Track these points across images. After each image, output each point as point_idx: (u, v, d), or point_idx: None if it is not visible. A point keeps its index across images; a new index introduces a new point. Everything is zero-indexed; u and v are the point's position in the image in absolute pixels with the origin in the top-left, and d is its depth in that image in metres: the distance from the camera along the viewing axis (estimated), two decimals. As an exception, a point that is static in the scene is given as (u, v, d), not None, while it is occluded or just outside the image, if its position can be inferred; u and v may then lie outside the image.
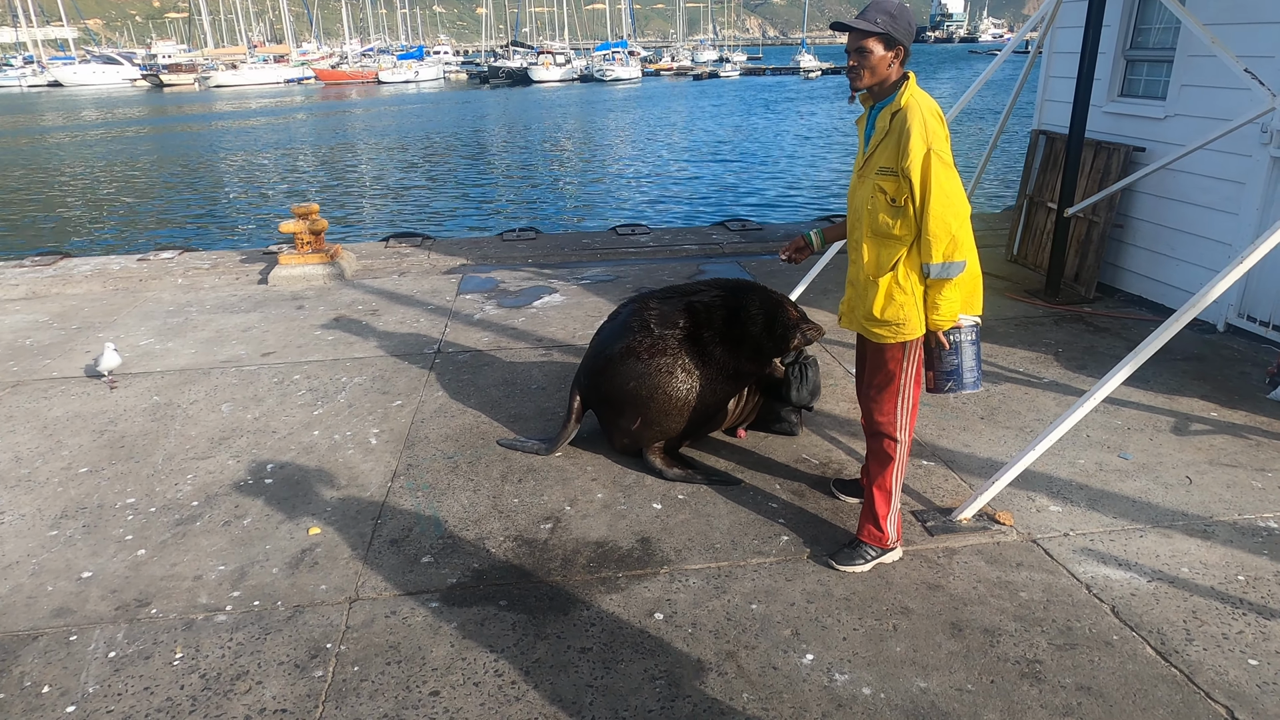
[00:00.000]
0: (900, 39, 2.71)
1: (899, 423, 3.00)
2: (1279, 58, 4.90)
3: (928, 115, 2.68)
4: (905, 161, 2.67)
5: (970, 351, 2.93)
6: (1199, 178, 5.56)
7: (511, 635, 2.78)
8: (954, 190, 2.69)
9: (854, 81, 2.81)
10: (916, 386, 3.01)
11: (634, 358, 3.75)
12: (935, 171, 2.65)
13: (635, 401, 3.76)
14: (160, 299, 6.77)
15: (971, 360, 2.94)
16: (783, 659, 2.64)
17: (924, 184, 2.67)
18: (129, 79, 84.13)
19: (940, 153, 2.66)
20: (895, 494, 3.08)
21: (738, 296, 3.83)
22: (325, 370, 5.15)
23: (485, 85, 70.53)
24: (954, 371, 2.94)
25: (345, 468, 3.94)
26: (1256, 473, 3.73)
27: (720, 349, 3.76)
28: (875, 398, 3.01)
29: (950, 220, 2.68)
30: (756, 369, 3.89)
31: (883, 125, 2.77)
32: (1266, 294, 5.18)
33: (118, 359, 4.98)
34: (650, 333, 3.76)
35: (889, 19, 2.69)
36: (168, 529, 3.45)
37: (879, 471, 3.07)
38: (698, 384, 3.75)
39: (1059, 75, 6.92)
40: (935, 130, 2.68)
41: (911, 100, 2.71)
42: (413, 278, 7.31)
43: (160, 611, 2.94)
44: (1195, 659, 2.60)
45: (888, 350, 2.92)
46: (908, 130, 2.66)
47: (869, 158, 2.83)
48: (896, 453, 3.03)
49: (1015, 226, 7.33)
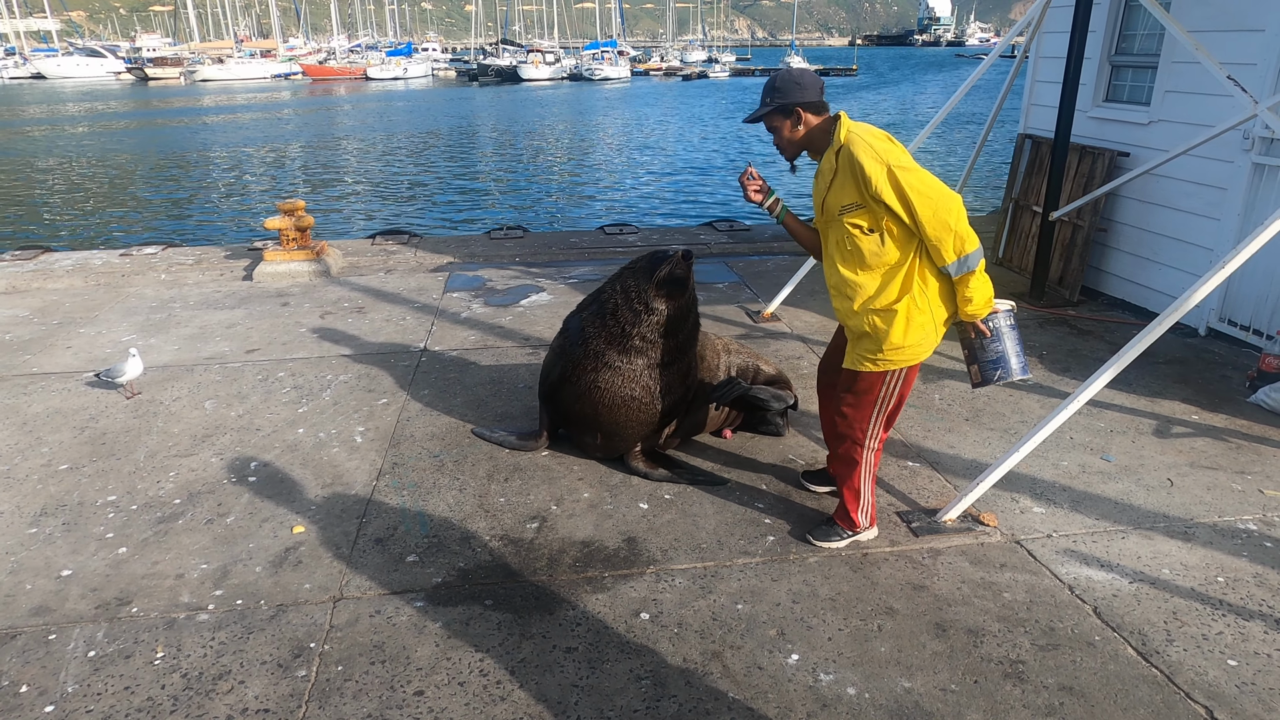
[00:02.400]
0: (794, 102, 2.82)
1: (871, 431, 3.06)
2: (1261, 65, 4.96)
3: (871, 140, 2.72)
4: (871, 189, 2.68)
5: (1012, 337, 2.90)
6: (1182, 183, 5.62)
7: (497, 635, 2.77)
8: (933, 189, 2.69)
9: (783, 155, 2.95)
10: (896, 402, 3.06)
11: (573, 379, 3.68)
12: (905, 182, 2.66)
13: (591, 419, 3.72)
14: (143, 294, 6.71)
15: (1015, 344, 2.91)
16: (768, 659, 2.65)
17: (902, 198, 2.67)
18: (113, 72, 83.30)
19: (900, 165, 2.67)
20: (864, 490, 3.16)
21: (614, 283, 3.68)
22: (310, 368, 5.12)
23: (474, 83, 70.27)
24: (1000, 359, 2.91)
25: (330, 466, 3.92)
26: (1236, 475, 3.77)
27: (639, 342, 3.56)
28: (853, 406, 3.04)
29: (945, 217, 2.68)
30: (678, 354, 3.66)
31: (829, 166, 2.82)
32: (1247, 299, 5.24)
33: (140, 367, 4.61)
34: (585, 348, 3.65)
35: (775, 93, 2.83)
36: (149, 527, 3.42)
37: (847, 474, 3.15)
38: (637, 388, 3.61)
39: (1045, 80, 6.97)
40: (886, 149, 2.70)
41: (850, 134, 2.76)
42: (399, 275, 7.28)
43: (141, 610, 2.91)
44: (1176, 659, 2.63)
45: (877, 374, 2.96)
46: (858, 161, 2.68)
47: (825, 202, 2.86)
48: (863, 458, 3.09)
49: (1001, 229, 7.38)
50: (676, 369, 3.67)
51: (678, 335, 3.62)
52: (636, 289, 3.57)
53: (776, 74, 2.88)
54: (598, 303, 3.72)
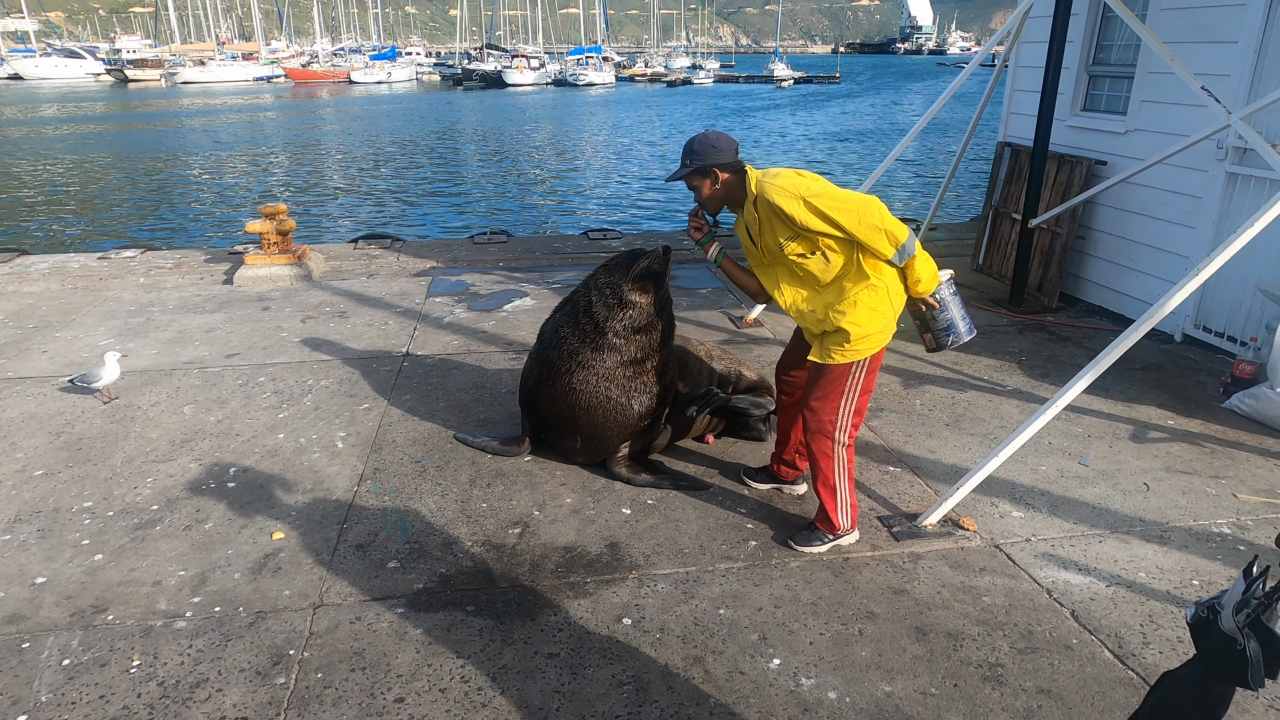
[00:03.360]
0: (710, 163, 3.04)
1: (840, 424, 3.13)
2: (1234, 76, 5.05)
3: (781, 183, 2.92)
4: (797, 224, 2.90)
5: (955, 303, 3.16)
6: (1158, 191, 5.70)
7: (478, 641, 2.76)
8: (849, 200, 2.88)
9: (706, 211, 3.19)
10: (863, 395, 3.14)
11: (549, 382, 3.68)
12: (822, 205, 2.85)
13: (569, 422, 3.72)
14: (121, 298, 6.64)
15: (959, 310, 3.18)
16: (750, 664, 2.65)
17: (825, 219, 2.87)
18: (92, 73, 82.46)
19: (812, 193, 2.87)
20: (841, 488, 3.19)
21: (588, 283, 3.69)
22: (291, 372, 5.08)
23: (459, 87, 70.13)
24: (950, 325, 3.16)
25: (310, 471, 3.89)
26: (1211, 479, 3.82)
27: (612, 338, 3.57)
28: (821, 400, 3.11)
29: (870, 220, 2.86)
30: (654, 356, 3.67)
31: (753, 216, 3.06)
32: (1221, 305, 5.33)
33: (118, 371, 4.52)
34: (559, 349, 3.65)
35: (693, 155, 3.05)
36: (126, 533, 3.38)
37: (820, 471, 3.19)
38: (612, 387, 3.60)
39: (1024, 89, 7.06)
40: (794, 184, 2.90)
41: (759, 184, 2.98)
42: (382, 280, 7.24)
43: (117, 618, 2.87)
44: (1152, 662, 2.66)
45: (844, 364, 3.05)
46: (775, 204, 2.91)
47: (764, 245, 3.08)
48: (835, 452, 3.15)
49: (981, 236, 7.45)
50: (651, 367, 3.66)
51: (650, 332, 3.62)
52: (610, 285, 3.59)
53: (694, 138, 3.09)
54: (571, 303, 3.74)
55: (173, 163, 24.42)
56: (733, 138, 3.11)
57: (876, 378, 3.23)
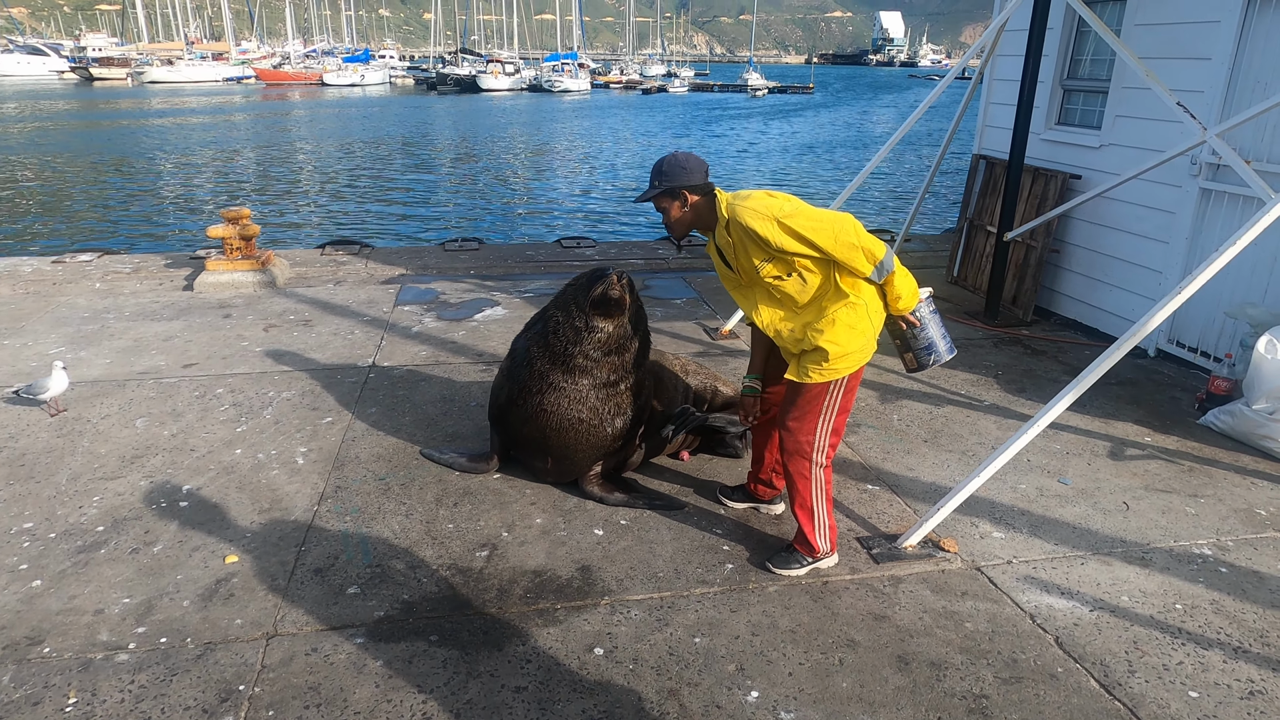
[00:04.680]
0: (680, 185, 2.96)
1: (818, 444, 3.05)
2: (1208, 92, 5.06)
3: (753, 205, 2.86)
4: (772, 246, 2.84)
5: (935, 321, 3.12)
6: (1132, 206, 5.71)
7: (442, 674, 2.62)
8: (823, 219, 2.82)
9: (672, 234, 3.08)
10: (841, 415, 3.07)
11: (520, 402, 3.56)
12: (796, 225, 2.79)
13: (540, 443, 3.60)
14: (75, 304, 6.39)
15: (939, 329, 3.13)
16: (727, 697, 2.54)
17: (801, 239, 2.81)
18: (56, 71, 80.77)
19: (785, 214, 2.81)
20: (819, 509, 3.11)
21: (557, 301, 3.59)
22: (251, 384, 4.89)
23: (432, 91, 69.58)
24: (930, 345, 3.11)
25: (269, 490, 3.72)
26: (1189, 498, 3.79)
27: (582, 361, 3.45)
28: (799, 420, 3.04)
29: (846, 238, 2.80)
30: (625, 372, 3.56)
31: (725, 240, 3.00)
32: (1194, 321, 5.33)
33: (65, 382, 4.35)
34: (530, 369, 3.54)
35: (663, 177, 2.97)
36: (68, 557, 3.19)
37: (797, 492, 3.12)
38: (584, 409, 3.48)
39: (999, 102, 7.07)
40: (766, 206, 2.84)
41: (730, 207, 2.92)
42: (349, 287, 7.06)
43: (54, 650, 2.69)
44: (1138, 691, 2.59)
45: (821, 384, 2.98)
46: (748, 227, 2.84)
47: (740, 267, 3.01)
48: (813, 473, 3.07)
49: (956, 249, 7.44)
50: (625, 389, 3.54)
51: (624, 353, 3.50)
52: (577, 307, 3.46)
53: (663, 159, 3.01)
54: (541, 321, 3.61)
55: (136, 164, 23.88)
56: (703, 159, 3.04)
57: (855, 397, 3.16)
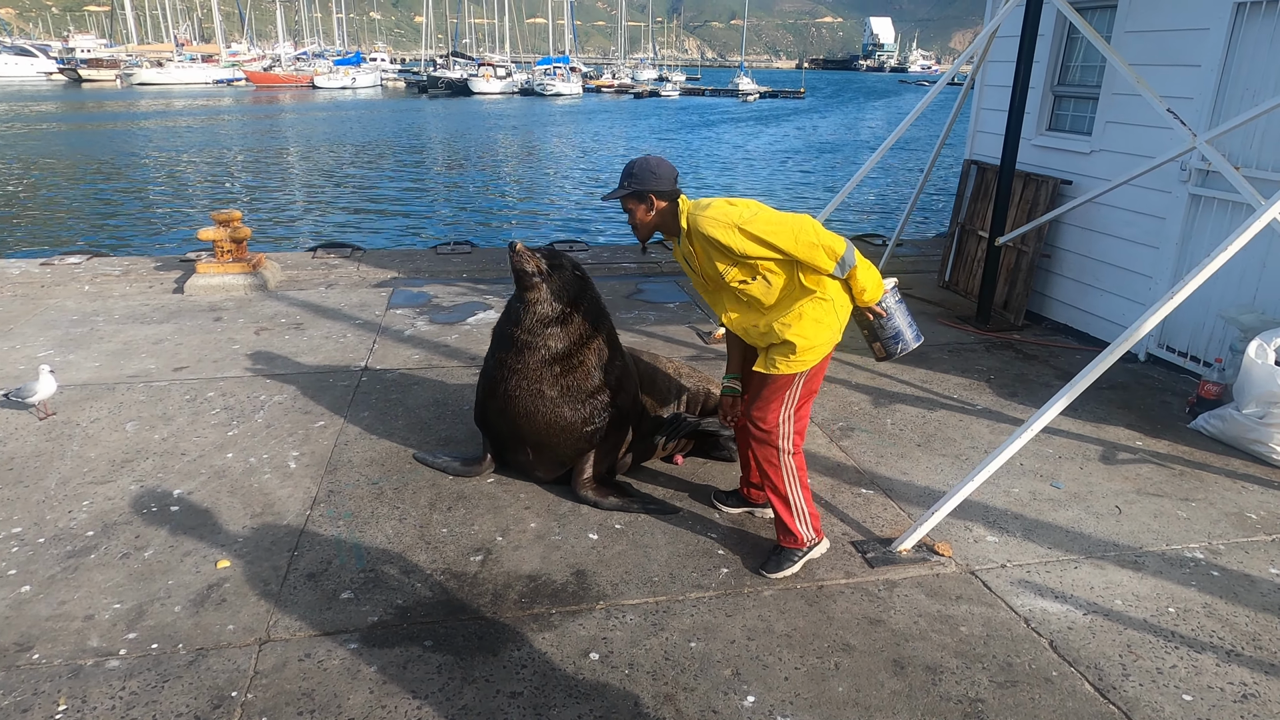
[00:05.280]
0: (648, 188, 2.99)
1: (781, 430, 3.10)
2: (1197, 99, 5.10)
3: (713, 214, 2.89)
4: (735, 253, 2.88)
5: (900, 310, 3.17)
6: (1122, 211, 5.74)
7: (437, 679, 2.60)
8: (783, 221, 2.87)
9: (636, 235, 3.12)
10: (803, 400, 3.12)
11: (492, 394, 3.62)
12: (757, 230, 2.84)
13: (514, 433, 3.64)
14: (64, 307, 6.34)
15: (905, 318, 3.18)
16: (723, 702, 2.53)
17: (763, 243, 2.85)
18: (44, 72, 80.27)
19: (744, 220, 2.86)
20: (794, 495, 3.16)
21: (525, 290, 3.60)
22: (242, 387, 4.86)
23: (424, 95, 69.45)
24: (897, 334, 3.15)
25: (261, 494, 3.69)
26: (1181, 502, 3.81)
27: (526, 337, 3.51)
28: (761, 408, 3.10)
29: (806, 237, 2.85)
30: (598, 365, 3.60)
31: (688, 249, 3.06)
32: (1184, 326, 5.37)
33: (53, 386, 4.30)
34: (493, 358, 3.62)
35: (632, 179, 3.00)
36: (57, 562, 3.16)
37: (770, 480, 3.17)
38: (542, 386, 3.51)
39: (990, 108, 7.10)
40: (726, 213, 2.88)
41: (691, 216, 2.96)
42: (340, 290, 7.03)
43: (43, 657, 2.66)
44: (1132, 695, 2.59)
45: (788, 375, 3.06)
46: (709, 236, 2.88)
47: (705, 274, 3.06)
48: (781, 460, 3.12)
49: (947, 253, 7.47)
50: (580, 363, 3.53)
51: (566, 324, 3.52)
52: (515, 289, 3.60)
53: (634, 161, 3.04)
54: (503, 315, 3.72)
55: (125, 166, 23.75)
56: (673, 165, 3.07)
57: (820, 383, 3.24)
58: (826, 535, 3.38)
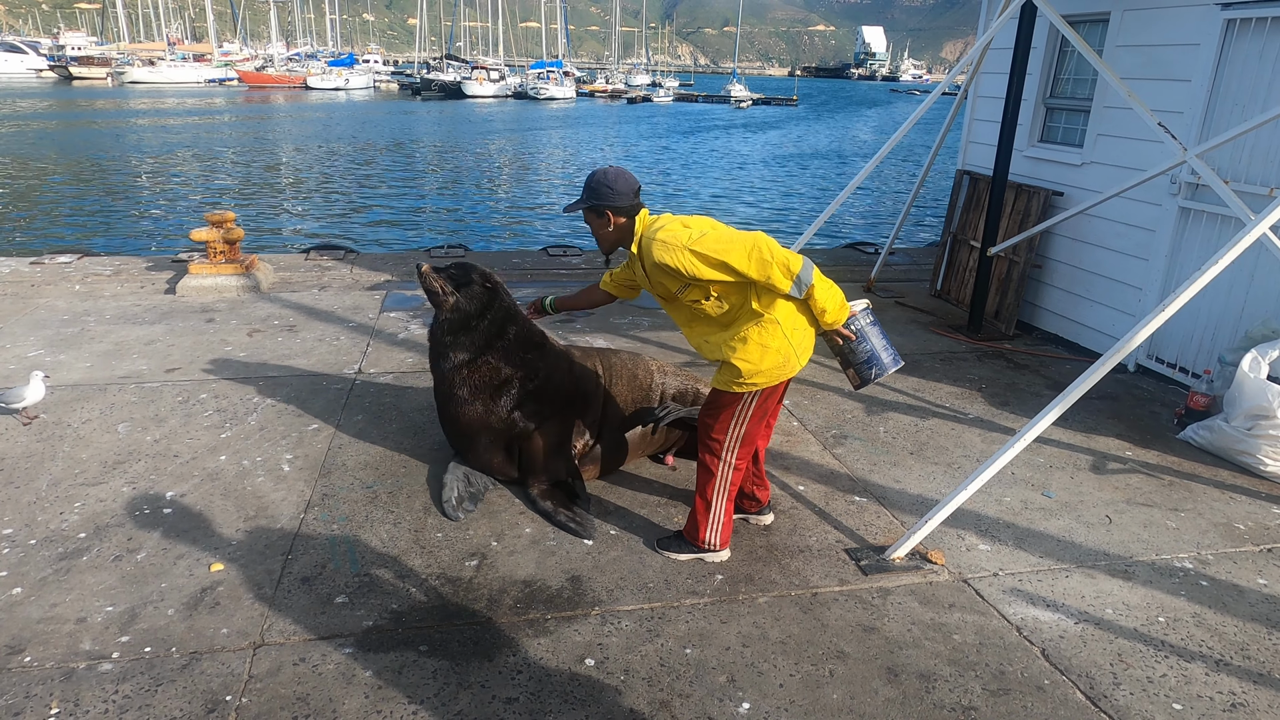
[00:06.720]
0: (605, 203, 3.00)
1: (728, 444, 3.14)
2: (1187, 113, 5.16)
3: (663, 236, 2.86)
4: (686, 275, 2.86)
5: (875, 333, 3.06)
6: (1113, 223, 5.80)
7: (432, 684, 2.60)
8: (735, 239, 2.83)
9: (600, 247, 3.15)
10: (753, 421, 3.12)
11: (437, 398, 3.85)
12: (708, 249, 2.80)
13: (452, 436, 3.89)
14: (54, 306, 6.30)
15: (881, 340, 3.07)
16: (718, 708, 2.54)
17: (715, 264, 2.82)
18: (34, 69, 79.79)
19: (695, 240, 2.82)
20: (716, 504, 3.20)
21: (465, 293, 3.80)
22: (235, 389, 4.85)
23: (417, 97, 69.34)
24: (871, 357, 3.06)
25: (254, 497, 3.68)
26: (1170, 512, 3.84)
27: (439, 347, 3.78)
28: (712, 419, 3.15)
29: (760, 255, 2.80)
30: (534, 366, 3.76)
31: (640, 272, 3.08)
32: (1173, 337, 5.42)
33: (41, 392, 4.24)
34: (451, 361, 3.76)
35: (589, 193, 3.02)
36: (49, 564, 3.14)
37: (702, 482, 3.22)
38: (453, 388, 3.70)
39: (983, 119, 7.16)
40: (676, 235, 2.85)
41: (643, 239, 2.94)
42: (334, 292, 7.01)
43: (35, 660, 2.64)
44: (1123, 704, 2.62)
45: (734, 394, 3.09)
46: (661, 261, 2.86)
47: (659, 294, 3.09)
48: (719, 470, 3.16)
49: (939, 262, 7.52)
50: (485, 362, 3.69)
51: (470, 332, 3.69)
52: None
53: (594, 173, 3.05)
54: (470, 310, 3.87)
55: (116, 165, 23.61)
56: (633, 178, 3.07)
57: (777, 409, 3.29)
58: (820, 541, 3.41)
